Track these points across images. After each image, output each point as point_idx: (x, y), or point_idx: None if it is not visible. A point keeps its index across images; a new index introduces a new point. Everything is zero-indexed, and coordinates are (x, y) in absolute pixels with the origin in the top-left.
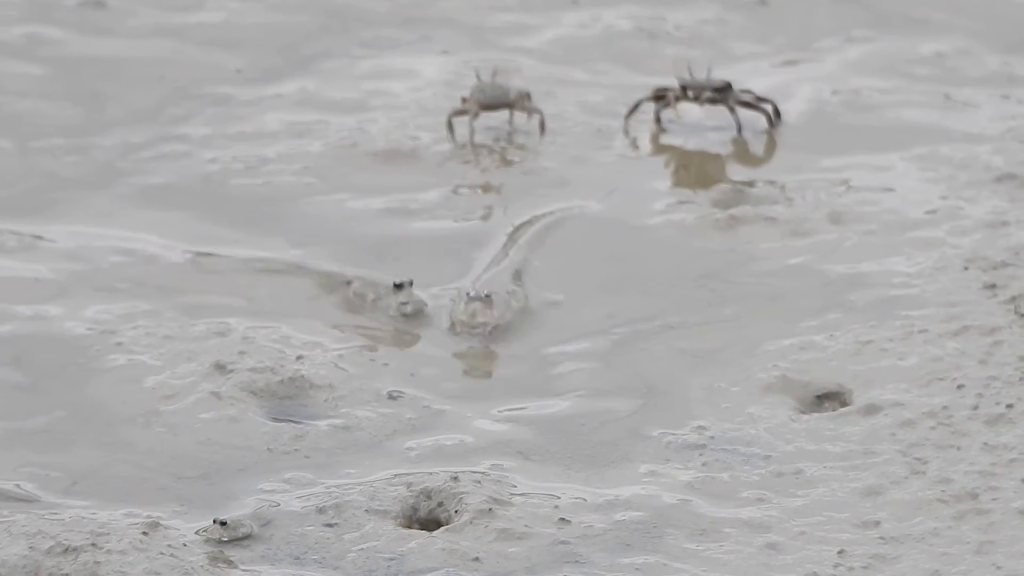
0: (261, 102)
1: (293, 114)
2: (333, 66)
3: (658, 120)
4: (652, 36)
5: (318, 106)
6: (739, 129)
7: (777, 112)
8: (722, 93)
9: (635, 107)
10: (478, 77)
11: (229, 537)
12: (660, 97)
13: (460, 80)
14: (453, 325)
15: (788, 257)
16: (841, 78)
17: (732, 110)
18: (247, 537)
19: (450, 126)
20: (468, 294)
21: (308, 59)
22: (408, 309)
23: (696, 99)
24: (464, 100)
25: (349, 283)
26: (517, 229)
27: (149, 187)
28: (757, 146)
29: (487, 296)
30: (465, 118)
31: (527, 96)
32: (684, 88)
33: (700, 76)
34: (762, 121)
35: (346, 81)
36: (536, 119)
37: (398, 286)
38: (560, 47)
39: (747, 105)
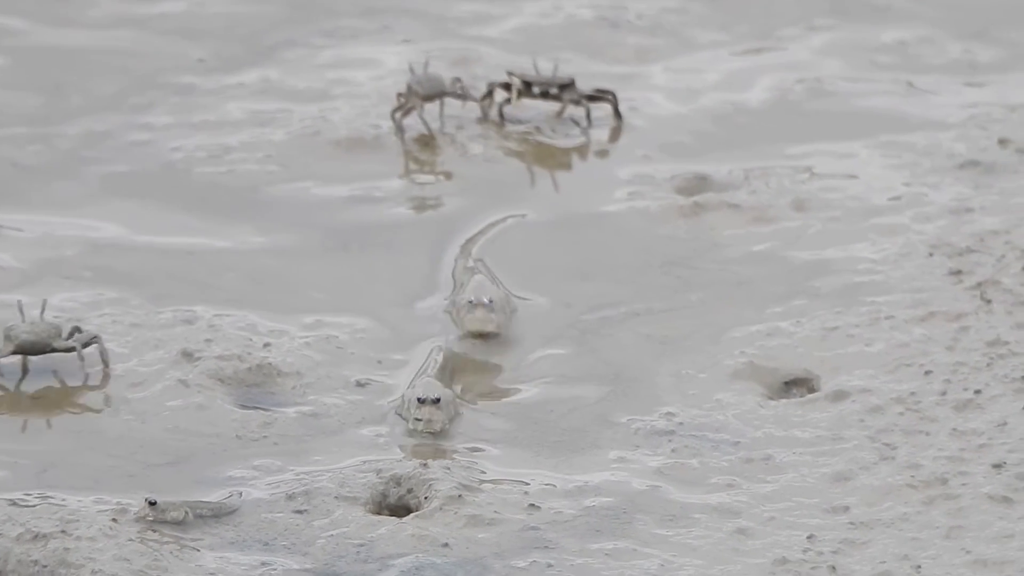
0: (224, 91)
1: (256, 103)
2: (295, 55)
3: (501, 115)
4: (614, 25)
5: (281, 95)
6: (578, 121)
7: (617, 108)
8: (566, 89)
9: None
10: (412, 70)
11: (155, 518)
12: (506, 88)
13: (430, 65)
14: (462, 332)
15: (753, 244)
16: (804, 66)
17: (578, 103)
18: (179, 523)
19: (399, 124)
20: (470, 301)
21: (270, 48)
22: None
23: (542, 95)
24: (401, 96)
25: None
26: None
27: (113, 176)
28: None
29: (490, 302)
30: (413, 114)
31: (459, 81)
32: (528, 84)
33: (545, 72)
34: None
35: (308, 70)
36: (496, 108)
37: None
38: (522, 36)
39: (591, 99)
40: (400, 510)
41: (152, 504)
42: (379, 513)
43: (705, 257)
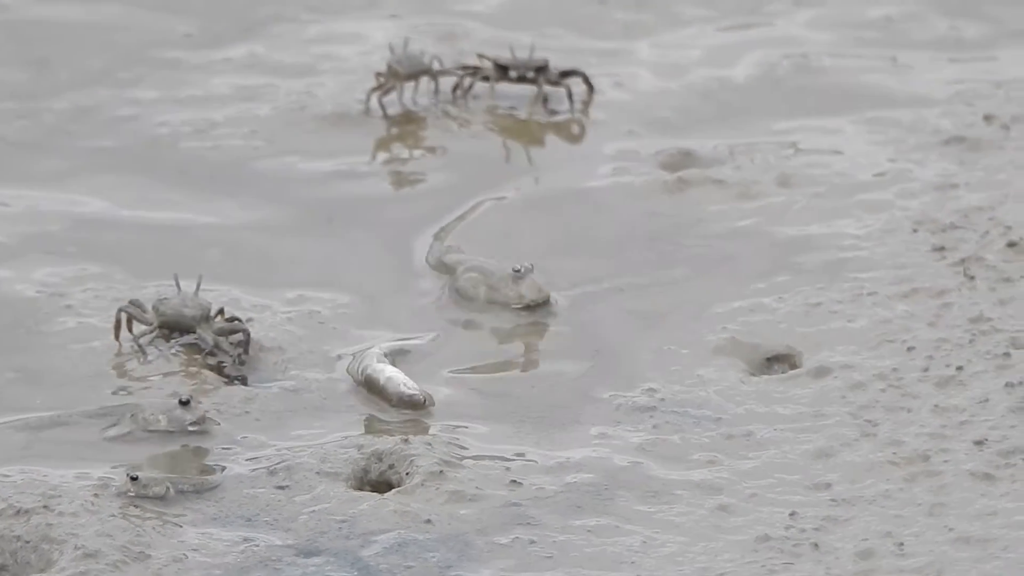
0: (210, 66)
1: (242, 78)
2: (281, 30)
3: (464, 95)
4: (601, 0)
5: (267, 70)
6: (545, 100)
7: (589, 82)
8: (542, 71)
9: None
10: (392, 50)
11: (137, 493)
12: (473, 73)
13: (409, 44)
14: (507, 302)
15: (737, 220)
16: (790, 42)
17: (556, 84)
18: (160, 498)
19: (379, 103)
20: (516, 270)
21: (256, 23)
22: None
23: (519, 79)
24: (380, 75)
25: None
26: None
27: (99, 151)
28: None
29: (531, 268)
30: (393, 95)
31: (439, 61)
32: (504, 68)
33: (521, 55)
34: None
35: (294, 45)
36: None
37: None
38: (509, 11)
39: (564, 76)
40: (382, 486)
41: (134, 479)
42: (361, 489)
43: (689, 233)
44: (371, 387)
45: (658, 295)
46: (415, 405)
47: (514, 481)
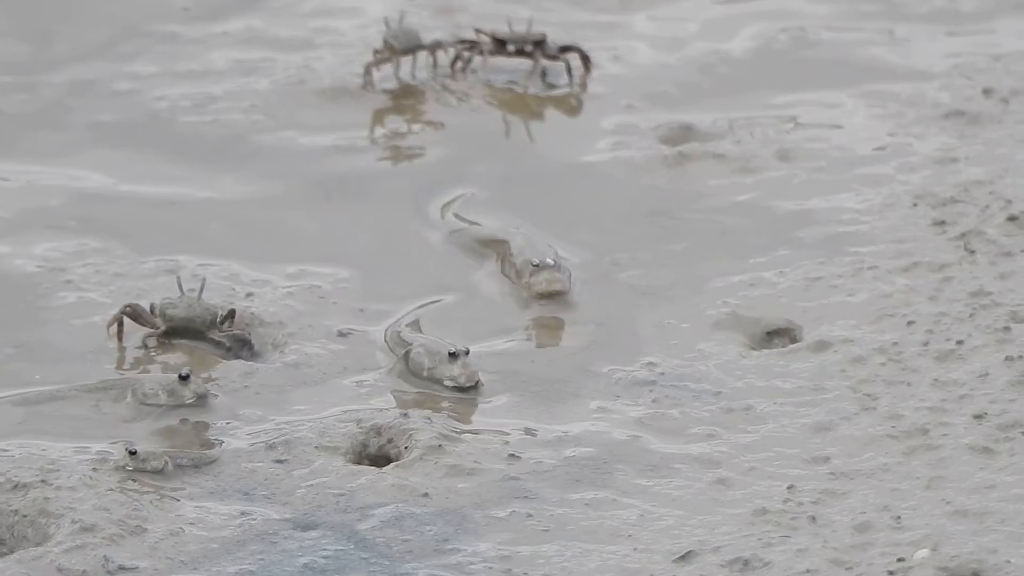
0: (208, 40)
1: (240, 52)
2: (279, 4)
3: (463, 69)
4: None
5: (265, 44)
6: (544, 75)
7: (586, 57)
8: (539, 45)
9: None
10: (387, 24)
11: (135, 467)
12: (471, 47)
13: (405, 18)
14: (531, 293)
15: (737, 194)
16: (788, 15)
17: (554, 58)
18: (159, 472)
19: (368, 74)
20: (535, 264)
21: None
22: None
23: (517, 52)
24: (377, 52)
25: None
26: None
27: (98, 125)
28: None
29: (554, 263)
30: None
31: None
32: (502, 41)
33: (518, 29)
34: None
35: (292, 19)
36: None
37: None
38: None
39: (563, 51)
40: (380, 460)
41: (132, 453)
42: (359, 463)
43: (689, 207)
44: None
45: (658, 269)
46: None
47: (513, 455)
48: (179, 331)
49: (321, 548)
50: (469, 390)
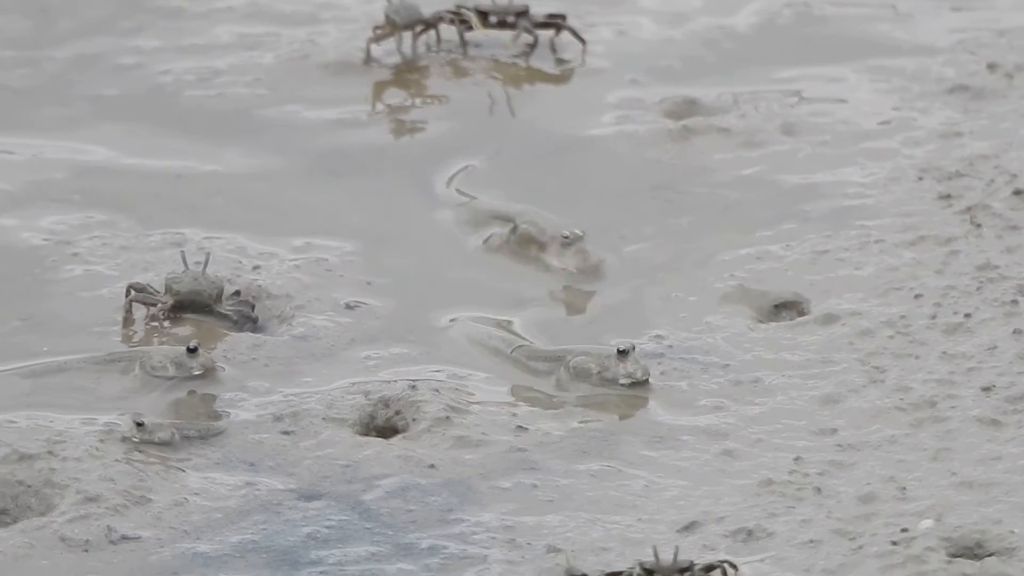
0: (212, 14)
1: (244, 26)
2: None
3: (464, 44)
4: None
5: (269, 18)
6: (532, 46)
7: (572, 29)
8: (522, 16)
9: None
10: (388, 0)
11: (142, 439)
12: (452, 20)
13: None
14: (569, 268)
15: (742, 168)
16: None
17: (529, 31)
18: (166, 444)
19: (368, 52)
20: (565, 236)
21: None
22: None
23: (499, 24)
24: (378, 28)
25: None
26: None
27: (102, 99)
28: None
29: (582, 235)
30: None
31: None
32: (485, 13)
33: (501, 0)
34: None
35: None
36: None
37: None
38: None
39: (545, 26)
40: (387, 431)
41: (140, 425)
42: (366, 435)
43: (694, 181)
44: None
45: (664, 243)
46: None
47: (520, 427)
48: (185, 305)
49: (325, 518)
50: (645, 383)
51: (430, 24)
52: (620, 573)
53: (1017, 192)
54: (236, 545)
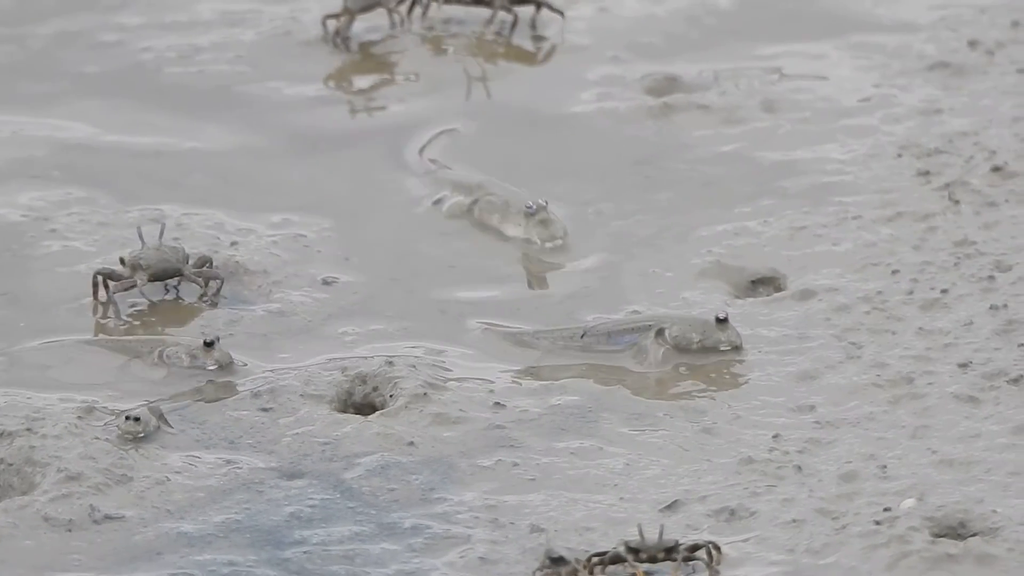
0: None
1: (226, 3)
2: None
3: (424, 14)
4: None
5: None
6: (514, 25)
7: (550, 5)
8: None
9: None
10: None
11: (135, 435)
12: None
13: None
14: (535, 240)
15: (721, 144)
16: None
17: (508, 10)
18: (157, 430)
19: (333, 36)
20: (529, 207)
21: None
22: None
23: (473, 1)
24: (329, 17)
25: None
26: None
27: (84, 76)
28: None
29: (546, 205)
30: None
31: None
32: None
33: None
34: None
35: None
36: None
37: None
38: None
39: (523, 2)
40: (365, 408)
41: (136, 420)
42: (344, 411)
43: (674, 157)
44: None
45: (643, 219)
46: None
47: (498, 403)
48: (159, 276)
49: (307, 497)
50: (740, 349)
51: (385, 7)
52: (605, 553)
53: (996, 169)
54: (220, 524)
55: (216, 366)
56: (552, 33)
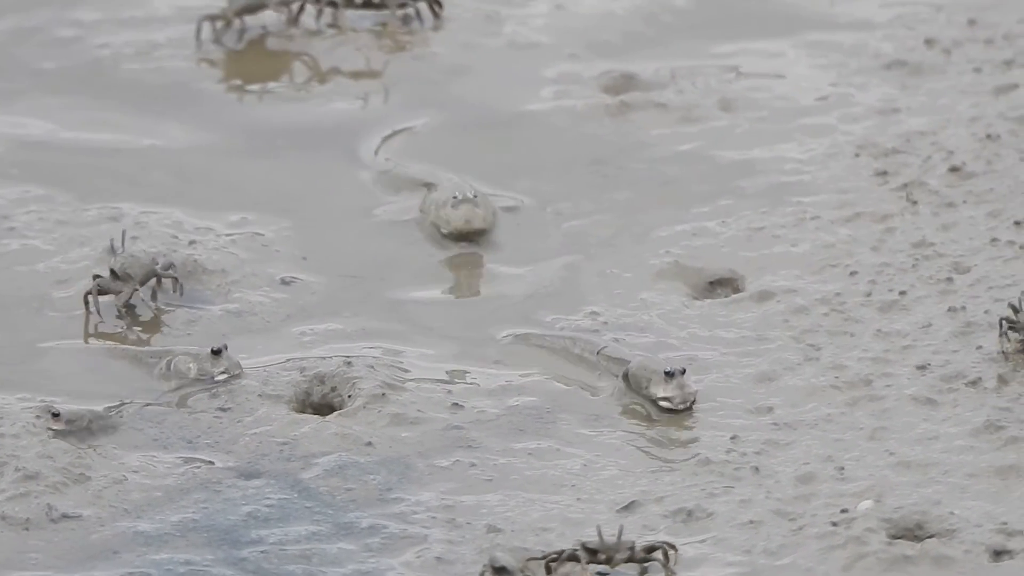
0: None
1: None
2: None
3: (318, 17)
4: None
5: None
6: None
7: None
8: None
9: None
10: None
11: (59, 429)
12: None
13: None
14: (446, 230)
15: (679, 143)
16: None
17: (402, 6)
18: (86, 430)
19: (200, 26)
20: (455, 197)
21: None
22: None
23: (364, 4)
24: (208, 17)
25: None
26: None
27: (40, 72)
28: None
29: (475, 196)
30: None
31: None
32: None
33: None
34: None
35: None
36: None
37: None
38: None
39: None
40: (324, 408)
41: (55, 416)
42: (303, 411)
43: (631, 156)
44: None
45: (600, 218)
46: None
47: (456, 404)
48: (143, 281)
49: (264, 497)
50: (683, 412)
51: (265, 7)
52: (562, 553)
53: (953, 169)
54: (177, 524)
55: (226, 374)
56: (511, 30)
